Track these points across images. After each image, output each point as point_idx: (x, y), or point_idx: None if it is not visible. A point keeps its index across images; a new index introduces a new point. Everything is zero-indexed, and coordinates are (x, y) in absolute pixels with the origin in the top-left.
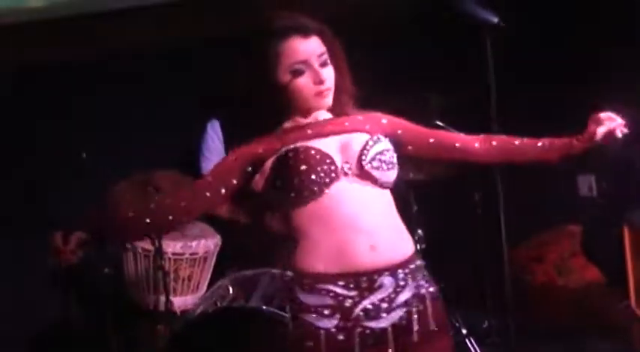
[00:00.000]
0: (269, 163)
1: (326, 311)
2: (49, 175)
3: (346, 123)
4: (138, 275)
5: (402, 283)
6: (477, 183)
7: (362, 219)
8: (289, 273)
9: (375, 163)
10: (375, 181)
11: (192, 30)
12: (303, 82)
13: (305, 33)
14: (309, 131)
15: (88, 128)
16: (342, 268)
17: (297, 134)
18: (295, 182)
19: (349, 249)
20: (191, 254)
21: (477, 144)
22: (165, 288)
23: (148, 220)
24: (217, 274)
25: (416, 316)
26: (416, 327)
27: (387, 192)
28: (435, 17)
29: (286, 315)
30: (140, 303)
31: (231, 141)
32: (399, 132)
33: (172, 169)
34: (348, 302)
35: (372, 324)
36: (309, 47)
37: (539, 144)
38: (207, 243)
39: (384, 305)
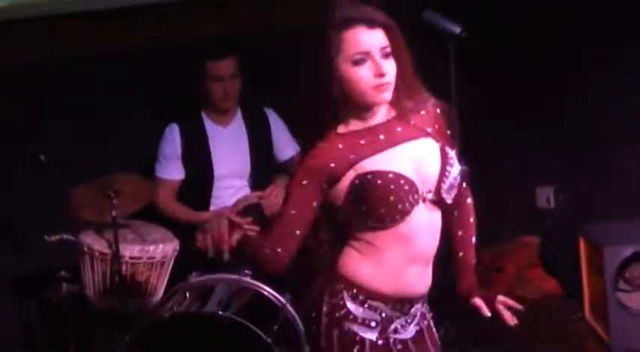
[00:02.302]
0: (347, 181)
1: (372, 324)
2: (6, 177)
3: (412, 123)
4: (95, 279)
5: (421, 307)
6: None
7: (428, 249)
8: (339, 282)
9: (450, 190)
10: (444, 205)
11: (153, 33)
12: (364, 73)
13: (370, 24)
14: (381, 136)
15: (47, 130)
16: (396, 291)
17: (366, 142)
18: (382, 211)
19: (409, 275)
20: (148, 258)
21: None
22: (122, 292)
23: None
24: (178, 279)
25: (426, 330)
26: (427, 338)
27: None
28: (400, 27)
29: (242, 321)
30: (97, 307)
31: (190, 145)
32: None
33: (133, 172)
34: (389, 320)
35: (399, 336)
36: (373, 39)
37: (460, 254)
38: (165, 248)
39: (410, 325)
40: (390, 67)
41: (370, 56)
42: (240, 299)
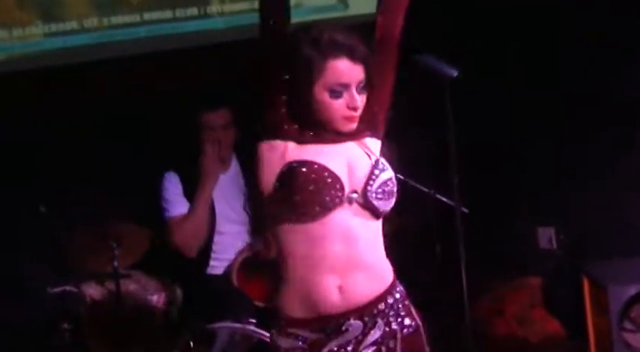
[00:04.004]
0: (277, 169)
1: None
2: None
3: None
4: (97, 329)
5: (369, 324)
6: (438, 234)
7: (341, 256)
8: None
9: (379, 194)
10: (374, 211)
11: (149, 83)
12: (339, 103)
13: (354, 58)
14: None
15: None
16: (311, 312)
17: (307, 133)
18: (297, 198)
19: (321, 289)
20: (151, 308)
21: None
22: (125, 342)
23: None
24: (181, 327)
25: (392, 344)
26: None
27: (379, 222)
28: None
29: None
30: None
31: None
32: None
33: (128, 220)
34: (316, 345)
35: None
36: (355, 73)
37: None
38: (167, 297)
39: (350, 347)
40: (362, 100)
41: (348, 89)
42: (243, 347)
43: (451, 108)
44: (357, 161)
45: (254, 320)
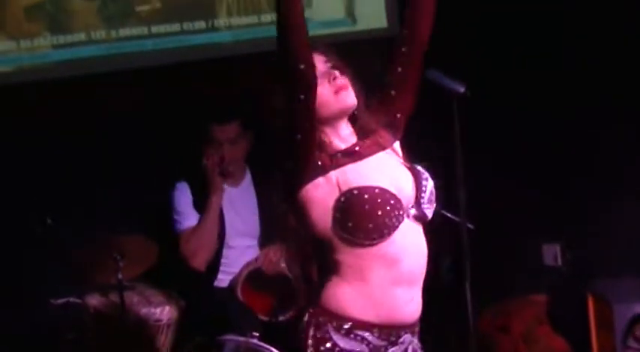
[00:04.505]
0: (331, 200)
1: None
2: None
3: (377, 139)
4: (101, 341)
5: (412, 339)
6: (444, 251)
7: (414, 269)
8: (323, 315)
9: (429, 203)
10: (424, 220)
11: (161, 94)
12: (322, 87)
13: (318, 51)
14: (356, 148)
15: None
16: (382, 318)
17: (342, 156)
18: (370, 226)
19: (395, 299)
20: (155, 320)
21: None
22: None
23: None
24: (185, 341)
25: None
26: None
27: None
28: None
29: None
30: None
31: (197, 206)
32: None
33: (137, 232)
34: (377, 350)
35: None
36: (320, 62)
37: None
38: (171, 310)
39: None
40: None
41: (317, 69)
42: None
43: (458, 124)
44: (398, 174)
45: (257, 334)
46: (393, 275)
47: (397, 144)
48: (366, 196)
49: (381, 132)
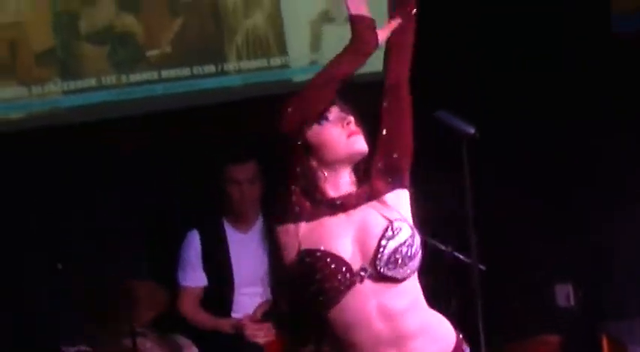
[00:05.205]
0: (293, 255)
1: None
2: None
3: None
4: None
5: None
6: (454, 289)
7: (386, 331)
8: None
9: (391, 264)
10: (394, 280)
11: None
12: (331, 126)
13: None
14: (337, 202)
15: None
16: None
17: (320, 207)
18: (312, 289)
19: None
20: None
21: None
22: None
23: None
24: None
25: None
26: None
27: (413, 280)
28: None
29: None
30: None
31: (210, 252)
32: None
33: (147, 279)
34: None
35: None
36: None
37: None
38: None
39: None
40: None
41: (332, 112)
42: None
43: (468, 166)
44: (368, 231)
45: None
46: (361, 342)
47: (399, 193)
48: (307, 259)
49: (376, 180)
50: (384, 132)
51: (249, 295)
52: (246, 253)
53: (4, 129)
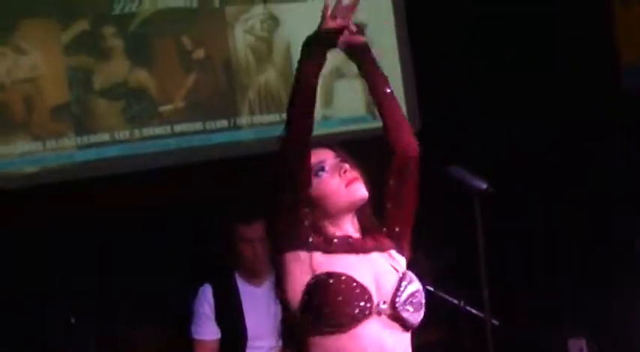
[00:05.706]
0: (304, 283)
1: None
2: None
3: (378, 238)
4: None
5: None
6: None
7: None
8: None
9: (407, 305)
10: (403, 323)
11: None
12: (329, 178)
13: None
14: (349, 240)
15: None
16: None
17: (332, 244)
18: (326, 310)
19: None
20: None
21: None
22: None
23: None
24: None
25: None
26: None
27: (409, 335)
28: (426, 182)
29: None
30: None
31: (223, 306)
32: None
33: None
34: None
35: None
36: (325, 153)
37: None
38: None
39: None
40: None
41: (327, 162)
42: None
43: (481, 221)
44: (383, 273)
45: None
46: None
47: (401, 260)
48: (330, 281)
49: (381, 237)
50: (388, 206)
51: (261, 348)
52: (259, 307)
53: (18, 184)
